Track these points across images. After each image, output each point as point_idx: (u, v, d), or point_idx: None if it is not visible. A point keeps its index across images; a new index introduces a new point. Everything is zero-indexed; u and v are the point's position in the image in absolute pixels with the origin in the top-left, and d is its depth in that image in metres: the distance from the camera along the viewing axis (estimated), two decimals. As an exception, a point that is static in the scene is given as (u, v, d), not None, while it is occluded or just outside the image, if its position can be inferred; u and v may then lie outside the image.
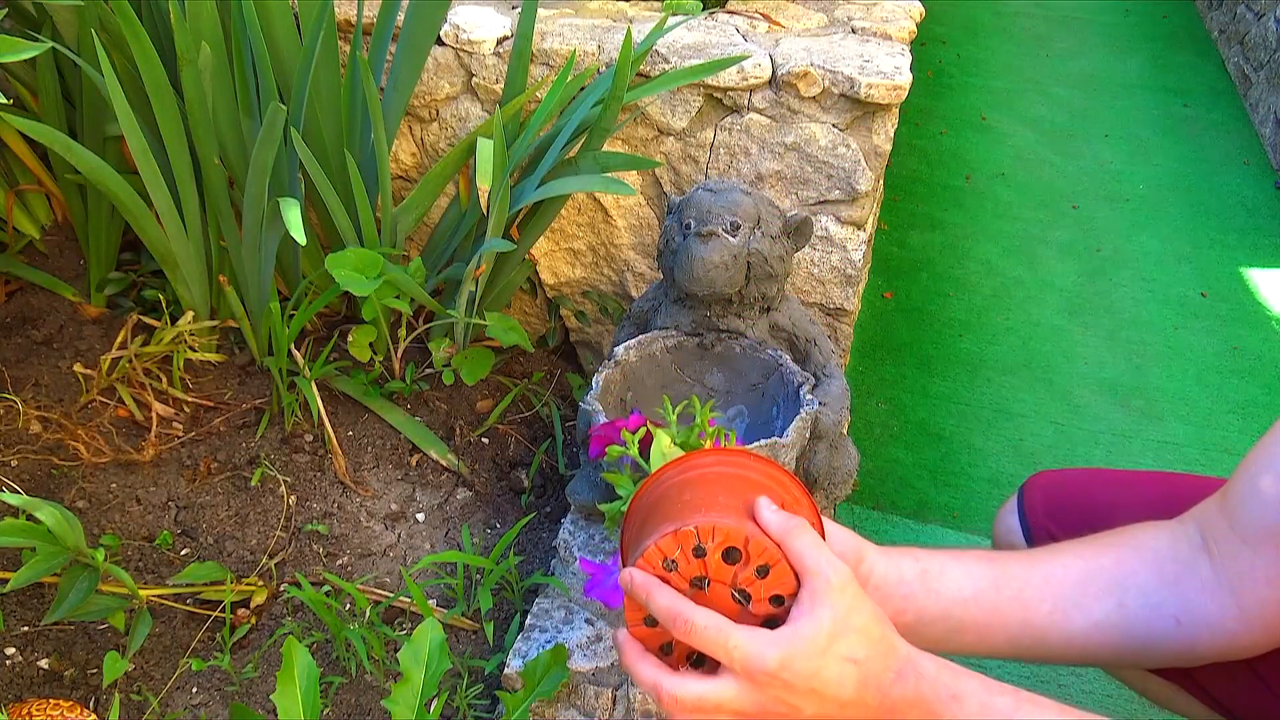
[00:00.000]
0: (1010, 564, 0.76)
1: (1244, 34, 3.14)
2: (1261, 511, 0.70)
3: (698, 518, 0.59)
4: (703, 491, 0.63)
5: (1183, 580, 0.74)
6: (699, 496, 0.62)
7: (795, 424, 1.04)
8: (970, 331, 2.03)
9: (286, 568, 1.28)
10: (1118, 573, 0.75)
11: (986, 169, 2.61)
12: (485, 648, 1.20)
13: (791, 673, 0.57)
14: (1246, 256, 2.31)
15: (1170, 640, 0.73)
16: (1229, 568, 0.72)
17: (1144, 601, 0.74)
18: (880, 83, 1.34)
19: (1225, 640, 0.73)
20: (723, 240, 1.09)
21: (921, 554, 0.74)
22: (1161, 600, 0.74)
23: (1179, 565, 0.74)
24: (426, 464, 1.44)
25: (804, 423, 1.05)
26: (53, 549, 1.04)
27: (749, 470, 0.65)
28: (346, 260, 1.29)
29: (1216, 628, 0.72)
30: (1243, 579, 0.71)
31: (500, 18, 1.48)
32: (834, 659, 0.58)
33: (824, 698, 0.59)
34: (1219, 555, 0.73)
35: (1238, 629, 0.72)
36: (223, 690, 1.14)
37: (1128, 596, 0.74)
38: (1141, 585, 0.74)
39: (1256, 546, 0.70)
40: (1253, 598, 0.71)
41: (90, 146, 1.38)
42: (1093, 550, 0.77)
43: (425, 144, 1.58)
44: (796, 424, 1.04)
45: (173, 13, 1.17)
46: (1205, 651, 0.74)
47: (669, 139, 1.47)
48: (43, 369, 1.45)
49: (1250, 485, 0.72)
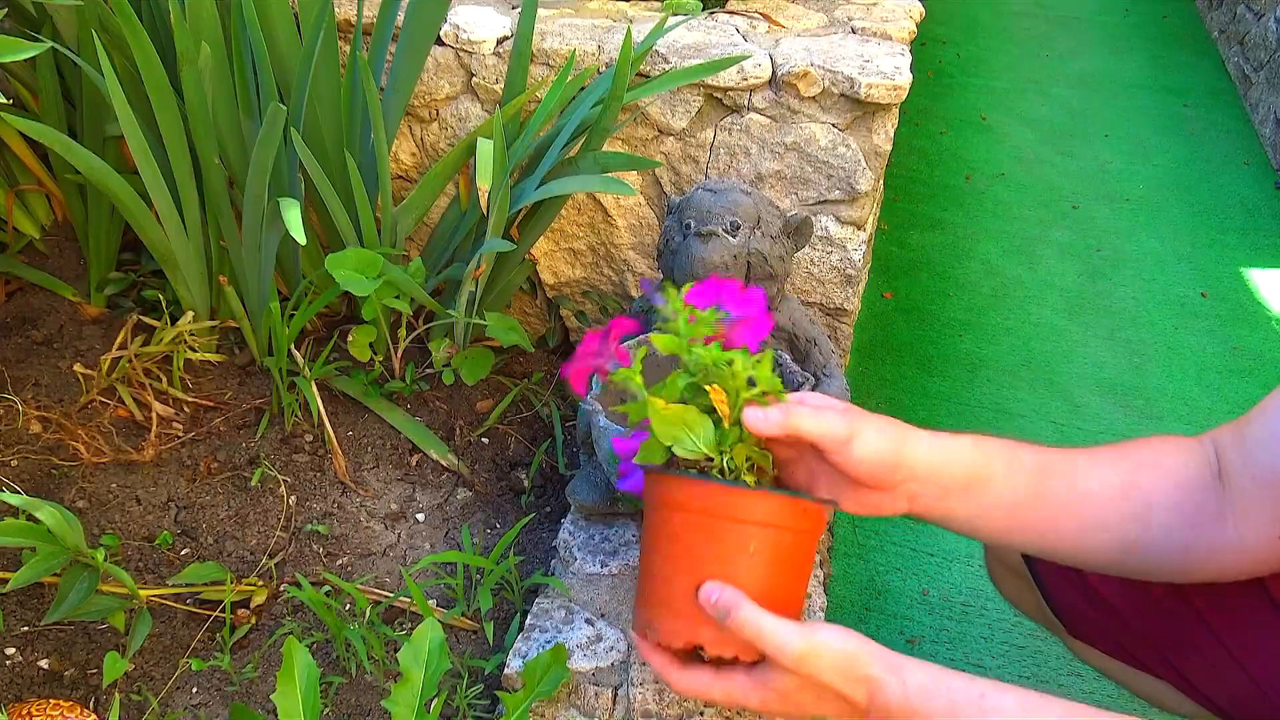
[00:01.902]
0: (1055, 481, 0.77)
1: (1244, 34, 3.14)
2: (1270, 456, 0.72)
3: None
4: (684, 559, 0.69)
5: (1198, 516, 0.75)
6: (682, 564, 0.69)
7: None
8: (970, 331, 2.03)
9: (286, 568, 1.28)
10: (1145, 499, 0.76)
11: (986, 169, 2.61)
12: (485, 648, 1.20)
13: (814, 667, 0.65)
14: (1246, 256, 2.31)
15: (1173, 563, 0.76)
16: (1237, 501, 0.74)
17: (1162, 532, 0.76)
18: (880, 83, 1.35)
19: (1218, 564, 0.75)
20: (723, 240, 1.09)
21: (971, 454, 0.75)
22: (1176, 530, 0.75)
23: (1198, 496, 0.76)
24: (426, 464, 1.44)
25: (804, 423, 1.05)
26: (53, 549, 1.04)
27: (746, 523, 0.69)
28: (346, 260, 1.29)
29: (1217, 552, 0.75)
30: (1248, 514, 0.73)
31: (500, 18, 1.48)
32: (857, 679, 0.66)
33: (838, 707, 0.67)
34: (1230, 487, 0.75)
35: (1235, 557, 0.75)
36: (223, 690, 1.14)
37: (1150, 523, 0.76)
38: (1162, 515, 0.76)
39: (1265, 487, 0.72)
40: (1254, 533, 0.73)
41: (90, 146, 1.38)
42: (1130, 468, 0.78)
43: (425, 144, 1.58)
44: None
45: (173, 13, 1.17)
46: (1199, 573, 0.77)
47: (669, 139, 1.47)
48: (43, 369, 1.45)
49: (1269, 428, 0.73)
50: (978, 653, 1.39)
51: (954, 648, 1.40)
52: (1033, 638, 1.40)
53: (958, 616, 1.44)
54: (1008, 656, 1.39)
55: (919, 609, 1.45)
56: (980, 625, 1.43)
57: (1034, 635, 1.40)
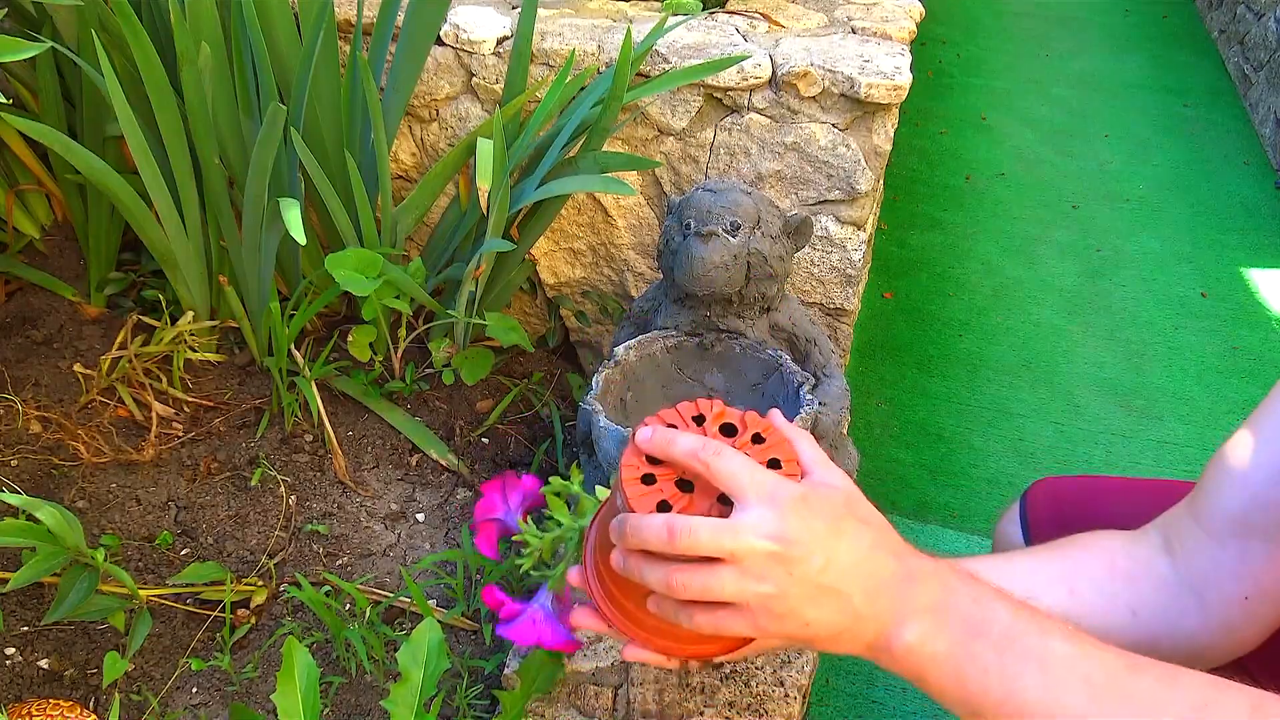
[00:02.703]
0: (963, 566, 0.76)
1: (1244, 34, 3.14)
2: (1232, 498, 0.69)
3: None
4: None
5: (1137, 576, 0.72)
6: None
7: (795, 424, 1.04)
8: (970, 331, 2.03)
9: (286, 568, 1.28)
10: (1067, 566, 0.74)
11: (986, 169, 2.61)
12: (485, 648, 1.20)
13: (813, 503, 0.56)
14: (1246, 256, 2.31)
15: (1128, 632, 0.71)
16: (1192, 565, 0.71)
17: (1096, 590, 0.72)
18: (880, 83, 1.34)
19: (1186, 639, 0.71)
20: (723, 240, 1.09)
21: None
22: (1115, 591, 0.72)
23: (1133, 562, 0.73)
24: (426, 464, 1.44)
25: (804, 423, 1.05)
26: (53, 549, 1.04)
27: None
28: (346, 260, 1.29)
29: (1175, 626, 0.71)
30: (1207, 576, 0.70)
31: (500, 18, 1.48)
32: (849, 516, 0.57)
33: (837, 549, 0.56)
34: (1182, 554, 0.72)
35: (1198, 628, 0.70)
36: (223, 690, 1.14)
37: (1078, 584, 0.72)
38: (1092, 576, 0.73)
39: (1223, 540, 0.69)
40: (1216, 595, 0.69)
41: (90, 146, 1.38)
42: (1044, 550, 0.76)
43: (425, 144, 1.58)
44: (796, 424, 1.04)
45: (173, 13, 1.17)
46: (1167, 650, 0.71)
47: (669, 139, 1.47)
48: (43, 369, 1.45)
49: (1222, 474, 0.70)
50: (978, 653, 1.39)
51: (954, 648, 1.40)
52: (1033, 638, 1.40)
53: (958, 616, 1.44)
54: (1008, 656, 1.38)
55: (919, 609, 1.45)
56: (980, 625, 1.42)
57: (1034, 635, 1.40)
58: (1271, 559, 0.67)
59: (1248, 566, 0.68)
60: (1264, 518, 0.67)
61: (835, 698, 1.33)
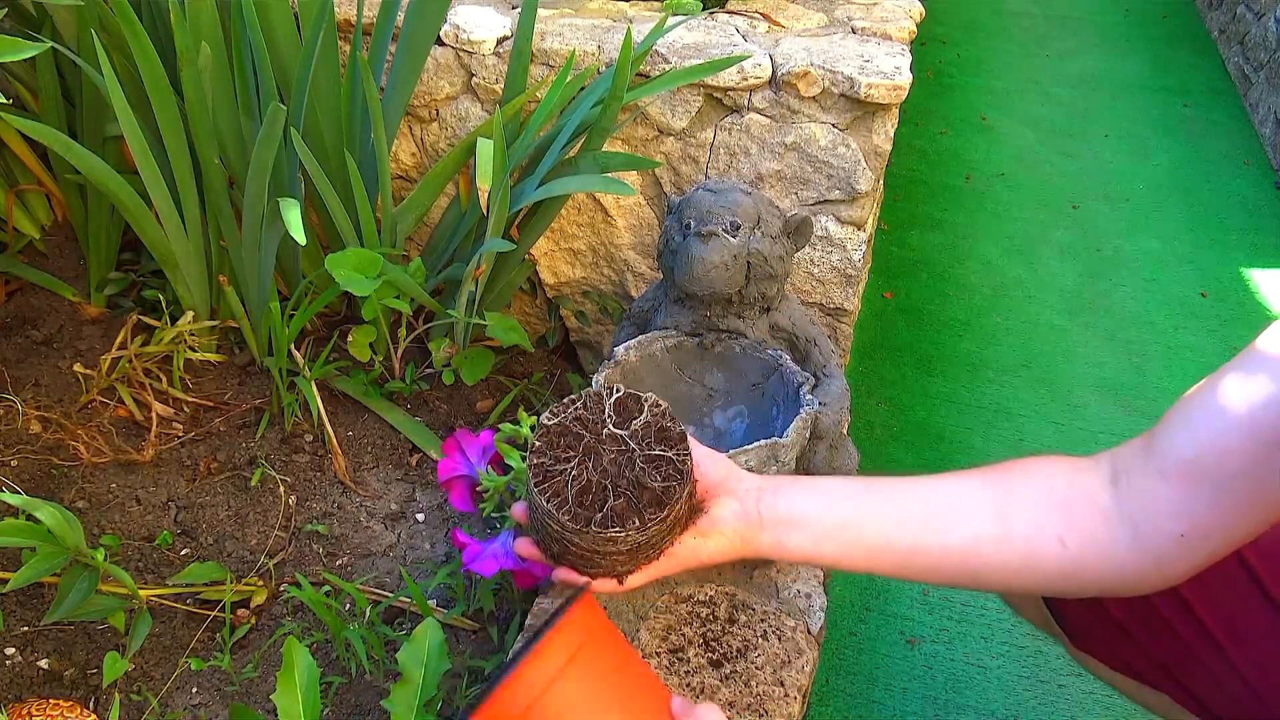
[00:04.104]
0: (884, 488, 0.79)
1: (1244, 34, 3.14)
2: (1188, 442, 0.70)
3: None
4: None
5: (1075, 505, 0.74)
6: None
7: (795, 424, 1.04)
8: (970, 331, 2.03)
9: (286, 568, 1.28)
10: (1000, 493, 0.75)
11: (986, 169, 2.61)
12: (485, 648, 1.20)
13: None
14: (1246, 256, 2.31)
15: (1055, 561, 0.73)
16: (1134, 500, 0.72)
17: (1026, 518, 0.74)
18: (880, 83, 1.34)
19: (1115, 569, 0.73)
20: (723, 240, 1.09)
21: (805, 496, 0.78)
22: (1046, 519, 0.74)
23: (1074, 491, 0.74)
24: (426, 464, 1.44)
25: (804, 423, 1.05)
26: (53, 549, 1.04)
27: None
28: (346, 260, 1.29)
29: (1106, 555, 0.72)
30: (1147, 512, 0.71)
31: (500, 18, 1.48)
32: None
33: None
34: (1126, 488, 0.73)
35: (1128, 559, 0.72)
36: (223, 690, 1.14)
37: (1009, 509, 0.74)
38: (1026, 501, 0.74)
39: (1171, 479, 0.70)
40: (1152, 530, 0.71)
41: (90, 146, 1.38)
42: (982, 473, 0.78)
43: (425, 144, 1.58)
44: (796, 424, 1.04)
45: (173, 13, 1.17)
46: (1094, 577, 0.74)
47: (669, 139, 1.47)
48: (43, 369, 1.45)
49: (1182, 417, 0.72)
50: (978, 653, 1.39)
51: (954, 648, 1.40)
52: (1033, 638, 1.40)
53: (958, 616, 1.44)
54: (1008, 656, 1.39)
55: (919, 609, 1.45)
56: (980, 625, 1.43)
57: (1034, 635, 1.40)
58: (1216, 504, 0.69)
59: (1189, 506, 0.69)
60: (1215, 465, 0.68)
61: (835, 698, 1.33)
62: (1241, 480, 0.67)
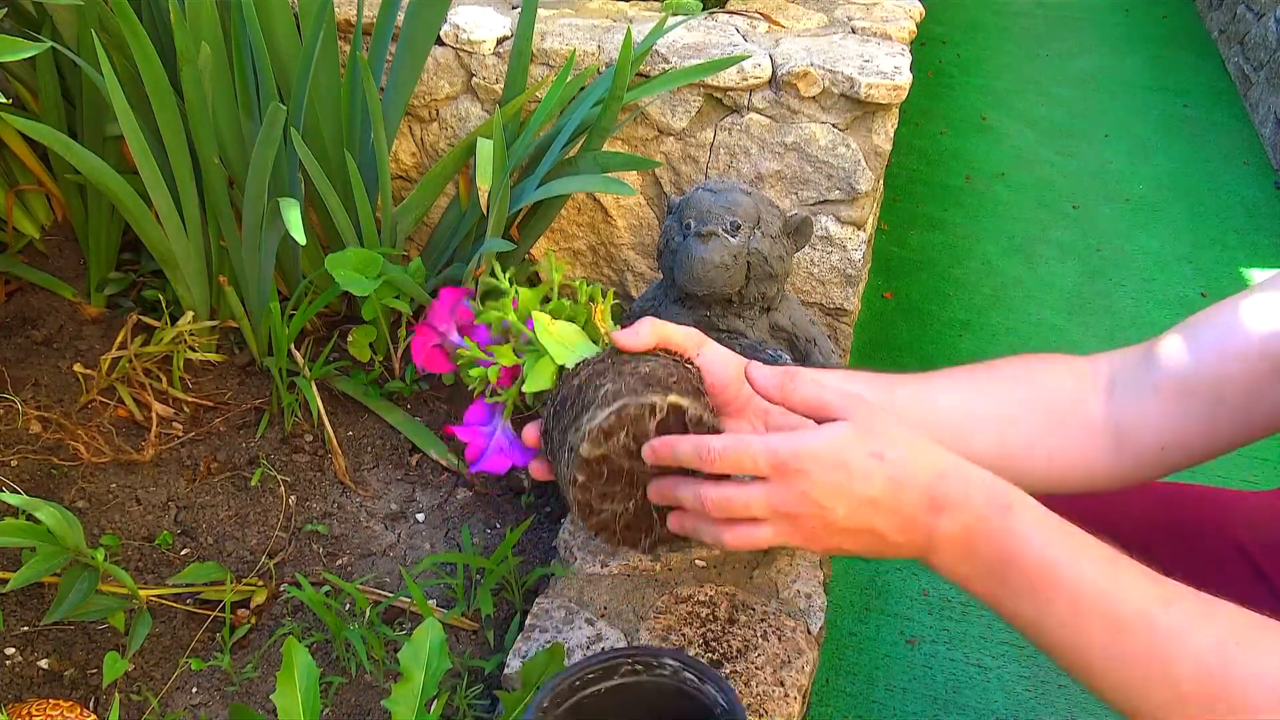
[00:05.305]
0: (902, 388, 0.77)
1: (1244, 34, 3.14)
2: (1187, 361, 0.71)
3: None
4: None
5: (1068, 420, 0.74)
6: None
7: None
8: (970, 331, 2.03)
9: (286, 568, 1.28)
10: (1005, 406, 0.76)
11: (986, 169, 2.61)
12: (485, 648, 1.20)
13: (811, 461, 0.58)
14: (1246, 256, 2.31)
15: (1038, 474, 0.75)
16: (1124, 410, 0.73)
17: (1023, 439, 0.75)
18: (880, 83, 1.35)
19: (1087, 475, 0.74)
20: (723, 240, 1.09)
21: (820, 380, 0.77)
22: (1040, 438, 0.75)
23: (1068, 404, 0.75)
24: (426, 464, 1.44)
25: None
26: (53, 549, 1.04)
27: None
28: (346, 260, 1.29)
29: (1086, 464, 0.74)
30: (1134, 424, 0.72)
31: (500, 18, 1.48)
32: (857, 454, 0.59)
33: (851, 495, 0.58)
34: (1118, 397, 0.74)
35: (1106, 467, 0.74)
36: (223, 690, 1.14)
37: (1008, 432, 0.75)
38: (1025, 420, 0.75)
39: (1163, 393, 0.71)
40: (1134, 442, 0.72)
41: (90, 146, 1.38)
42: (988, 380, 0.78)
43: (425, 144, 1.58)
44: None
45: (173, 13, 1.17)
46: (1065, 483, 0.75)
47: (669, 139, 1.47)
48: (43, 369, 1.45)
49: (1186, 335, 0.72)
50: (978, 653, 1.39)
51: (954, 648, 1.40)
52: (1033, 638, 1.40)
53: (958, 616, 1.44)
54: (1007, 656, 1.39)
55: (919, 609, 1.45)
56: (980, 625, 1.43)
57: (1034, 635, 1.40)
58: (1205, 422, 0.70)
59: (1178, 422, 0.71)
60: (1210, 387, 0.69)
61: (835, 698, 1.33)
62: (1235, 402, 0.68)
